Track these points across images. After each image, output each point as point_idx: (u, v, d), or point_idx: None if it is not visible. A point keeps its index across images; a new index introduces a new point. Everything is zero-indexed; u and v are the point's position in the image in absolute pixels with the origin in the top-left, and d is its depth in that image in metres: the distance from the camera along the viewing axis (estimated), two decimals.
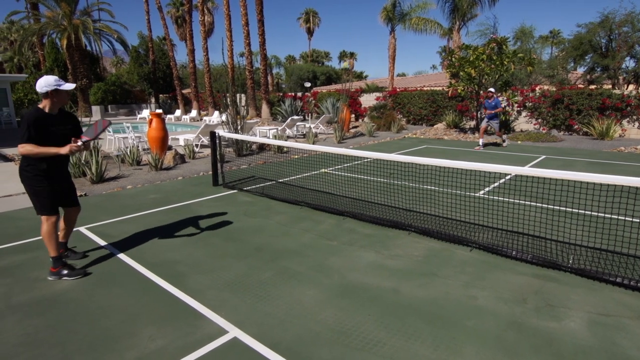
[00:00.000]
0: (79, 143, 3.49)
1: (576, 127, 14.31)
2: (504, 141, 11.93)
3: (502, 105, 15.46)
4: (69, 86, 3.54)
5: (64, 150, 3.40)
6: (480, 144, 11.58)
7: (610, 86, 16.50)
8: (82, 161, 7.94)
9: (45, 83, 3.41)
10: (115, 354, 2.55)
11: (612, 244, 3.95)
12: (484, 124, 11.76)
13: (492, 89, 11.56)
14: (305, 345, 2.62)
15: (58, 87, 3.45)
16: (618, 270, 3.52)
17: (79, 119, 9.94)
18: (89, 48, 29.43)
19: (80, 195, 6.52)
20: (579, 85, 16.33)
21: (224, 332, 2.77)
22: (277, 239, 4.53)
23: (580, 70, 19.71)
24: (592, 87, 15.29)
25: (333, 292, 3.32)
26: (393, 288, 3.37)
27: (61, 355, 2.55)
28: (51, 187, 3.55)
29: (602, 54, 17.20)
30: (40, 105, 3.49)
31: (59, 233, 3.84)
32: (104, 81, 31.06)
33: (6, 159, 10.51)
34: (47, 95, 3.44)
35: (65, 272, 3.60)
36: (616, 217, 4.64)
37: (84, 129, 3.74)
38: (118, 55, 45.24)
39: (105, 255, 4.13)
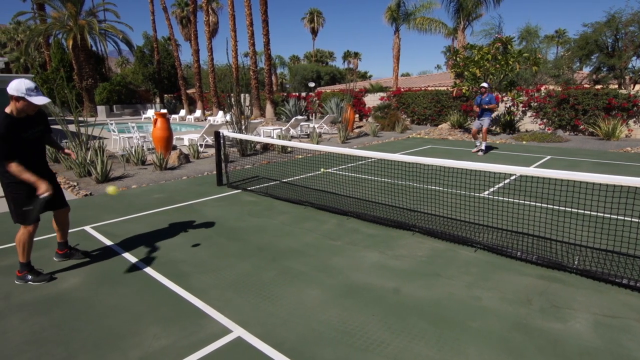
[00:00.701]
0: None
1: (582, 127, 14.21)
2: (480, 149, 10.58)
3: (507, 105, 15.43)
4: (40, 100, 3.20)
5: (42, 187, 3.20)
6: (483, 147, 10.56)
7: (616, 86, 16.38)
8: (88, 161, 7.99)
9: (16, 87, 3.12)
10: (119, 353, 2.56)
11: (618, 245, 3.91)
12: (485, 126, 10.50)
13: (485, 84, 10.49)
14: (308, 345, 2.62)
15: (26, 97, 3.15)
16: (624, 272, 3.49)
17: (84, 119, 10.03)
18: (94, 48, 29.57)
19: (86, 195, 6.56)
20: (584, 85, 16.23)
21: (227, 331, 2.78)
22: (280, 239, 4.54)
23: (586, 70, 19.60)
24: (598, 87, 15.18)
25: (336, 292, 3.32)
26: (397, 288, 3.36)
27: (66, 353, 2.57)
28: (29, 194, 3.30)
29: (609, 54, 17.08)
30: (7, 110, 3.21)
31: (57, 233, 3.86)
32: (109, 81, 31.21)
33: None
34: (11, 98, 3.17)
35: (29, 277, 3.52)
36: (622, 218, 4.61)
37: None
38: (123, 55, 45.42)
39: (110, 254, 4.15)
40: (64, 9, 25.83)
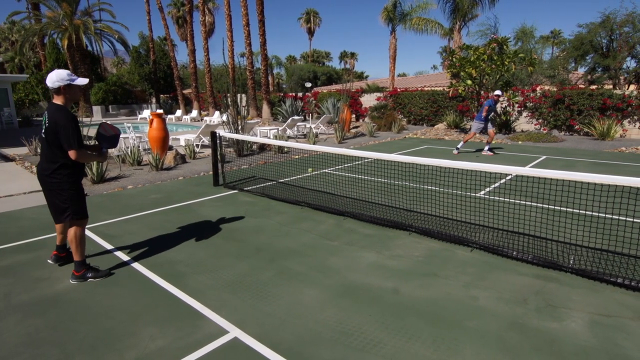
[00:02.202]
0: (104, 152, 3.69)
1: (577, 127, 14.30)
2: (457, 148, 10.73)
3: (503, 106, 15.49)
4: (82, 81, 3.33)
5: (103, 157, 3.63)
6: (486, 149, 10.56)
7: (611, 86, 16.49)
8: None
9: (57, 77, 3.21)
10: (115, 354, 2.55)
11: (613, 244, 3.94)
12: (490, 129, 10.38)
13: (499, 92, 10.35)
14: (306, 346, 2.62)
15: (71, 82, 3.27)
16: (619, 271, 3.51)
17: (80, 119, 9.98)
18: (89, 48, 29.42)
19: None
20: (579, 86, 16.31)
21: (224, 332, 2.77)
22: (277, 239, 4.53)
23: (581, 71, 19.70)
24: (593, 87, 15.28)
25: (334, 292, 3.32)
26: (394, 288, 3.37)
27: (62, 355, 2.55)
28: (82, 189, 3.63)
29: (603, 54, 17.18)
30: (60, 102, 3.30)
31: (59, 236, 3.82)
32: (105, 81, 31.11)
33: (7, 159, 10.52)
34: (59, 90, 3.25)
35: (90, 274, 3.55)
36: (617, 217, 4.64)
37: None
38: (119, 55, 45.31)
39: (106, 255, 4.13)
40: (59, 8, 25.68)
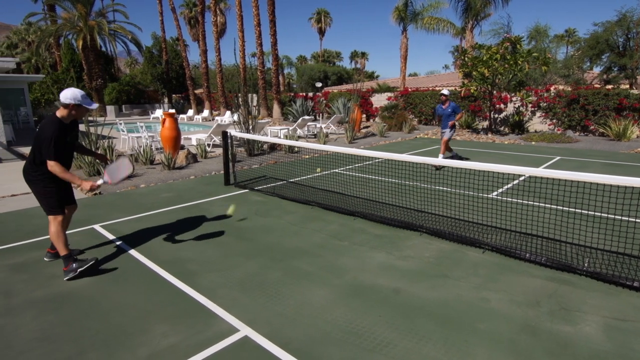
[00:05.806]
0: (99, 183, 3.63)
1: (592, 127, 14.04)
2: (438, 167, 7.80)
3: (516, 106, 15.28)
4: (94, 106, 3.62)
5: (85, 186, 3.54)
6: (440, 158, 8.42)
7: (627, 86, 16.17)
8: (97, 160, 8.06)
9: (72, 95, 3.46)
10: (128, 350, 2.58)
11: (629, 247, 3.86)
12: (445, 137, 8.74)
13: (445, 91, 9.00)
14: (315, 345, 2.62)
15: (82, 104, 3.52)
16: (635, 274, 3.44)
17: (94, 119, 10.14)
18: (103, 49, 29.90)
19: (95, 194, 6.63)
20: (595, 85, 16.03)
21: (235, 330, 2.79)
22: (287, 239, 4.54)
23: (597, 70, 19.37)
24: (609, 87, 14.99)
25: (343, 292, 3.32)
26: (404, 289, 3.35)
27: (75, 350, 2.60)
28: (58, 188, 3.65)
29: (620, 53, 16.86)
30: (59, 114, 3.52)
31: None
32: (118, 81, 31.52)
33: (23, 157, 10.73)
34: (67, 106, 3.49)
35: (75, 265, 3.61)
36: (633, 219, 4.54)
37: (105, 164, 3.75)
38: (132, 55, 45.84)
39: (119, 252, 4.19)
40: (74, 10, 26.14)
